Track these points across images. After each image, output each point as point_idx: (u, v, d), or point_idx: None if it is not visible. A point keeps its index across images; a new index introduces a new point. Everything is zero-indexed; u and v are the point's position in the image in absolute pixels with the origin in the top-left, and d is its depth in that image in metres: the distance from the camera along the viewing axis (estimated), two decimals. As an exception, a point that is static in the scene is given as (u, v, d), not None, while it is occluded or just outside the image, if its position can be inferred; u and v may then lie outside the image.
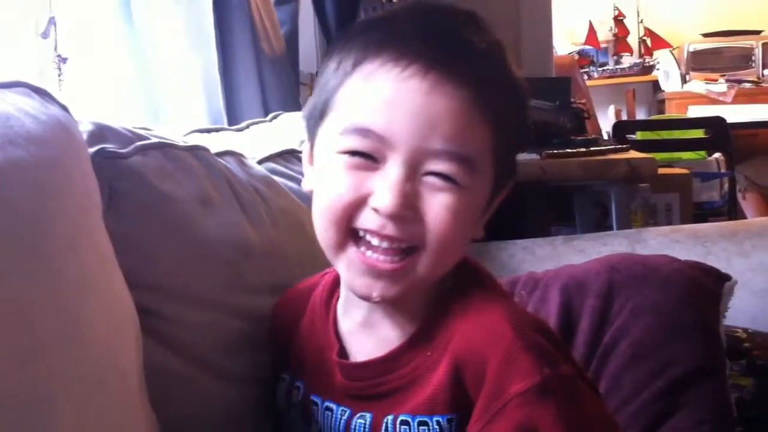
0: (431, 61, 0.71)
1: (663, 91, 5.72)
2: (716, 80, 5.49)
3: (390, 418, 0.76)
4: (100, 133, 0.90)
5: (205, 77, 1.66)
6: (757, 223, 1.71)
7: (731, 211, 3.49)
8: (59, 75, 1.48)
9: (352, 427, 0.79)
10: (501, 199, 0.80)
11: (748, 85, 5.45)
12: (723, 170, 3.56)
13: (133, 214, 0.88)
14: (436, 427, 0.74)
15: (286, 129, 1.43)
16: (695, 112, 4.74)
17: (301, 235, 1.10)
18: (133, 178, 0.89)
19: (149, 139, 0.95)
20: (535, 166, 1.87)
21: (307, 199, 1.04)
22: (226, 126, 1.54)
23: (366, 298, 0.76)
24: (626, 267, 1.21)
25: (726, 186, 3.59)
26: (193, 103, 1.65)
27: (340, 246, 0.75)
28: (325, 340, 0.85)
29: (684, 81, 5.66)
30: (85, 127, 0.89)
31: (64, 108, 0.83)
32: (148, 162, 0.92)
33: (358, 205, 0.73)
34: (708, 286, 1.17)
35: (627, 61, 5.86)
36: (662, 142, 3.51)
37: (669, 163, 2.72)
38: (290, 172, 1.24)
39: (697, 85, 5.50)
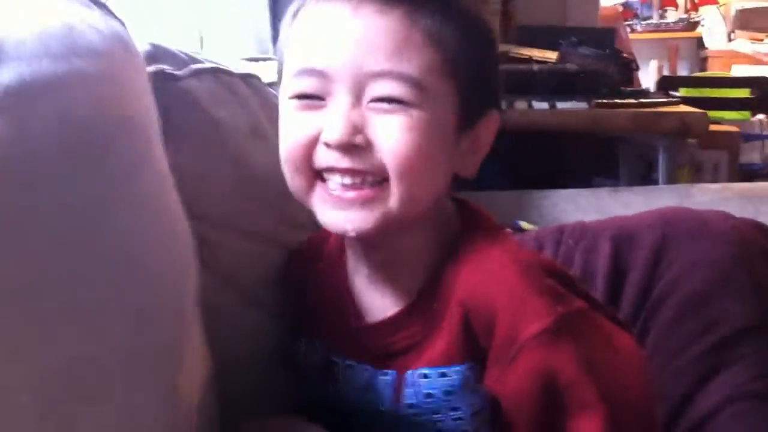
0: None
1: (706, 48, 5.58)
2: (762, 40, 5.34)
3: (411, 372, 0.76)
4: (156, 53, 0.88)
5: (252, 3, 1.62)
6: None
7: (771, 174, 3.42)
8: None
9: (376, 384, 0.79)
10: (491, 134, 0.78)
11: (795, 46, 5.31)
12: (766, 132, 3.49)
13: (186, 140, 0.86)
14: (456, 376, 0.74)
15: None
16: (739, 71, 4.62)
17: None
18: (186, 102, 0.88)
19: (203, 62, 0.93)
20: (583, 115, 1.83)
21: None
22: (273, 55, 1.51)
23: (343, 233, 0.75)
24: (680, 221, 1.18)
25: (767, 149, 3.51)
26: (240, 30, 1.62)
27: (308, 190, 0.75)
28: (339, 300, 0.84)
29: (729, 39, 5.52)
30: (142, 47, 0.86)
31: (122, 23, 0.80)
32: (202, 86, 0.90)
33: (312, 144, 0.73)
34: (763, 245, 1.14)
35: (672, 16, 5.72)
36: (706, 100, 3.42)
37: (715, 121, 2.67)
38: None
39: (742, 44, 5.36)
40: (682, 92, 3.58)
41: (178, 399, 0.71)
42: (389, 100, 0.71)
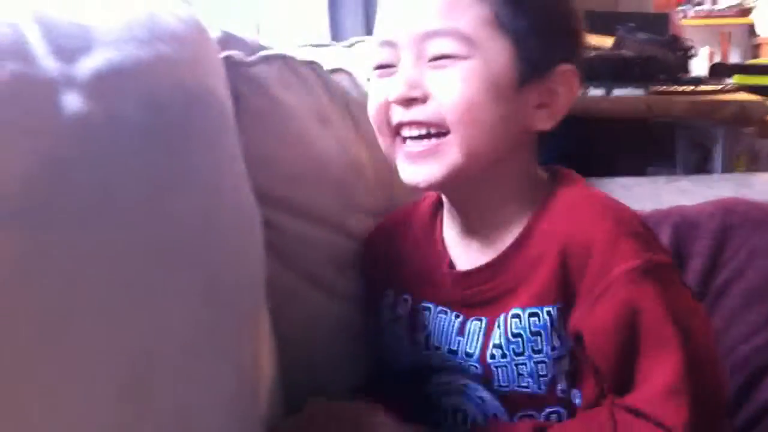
0: None
1: (759, 35, 5.47)
2: (818, 26, 5.22)
3: (502, 316, 0.79)
4: (228, 39, 0.90)
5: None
6: None
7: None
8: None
9: (467, 330, 0.82)
10: (569, 88, 0.80)
11: None
12: (822, 120, 3.41)
13: (255, 122, 0.88)
14: (546, 317, 0.77)
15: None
16: (794, 58, 4.53)
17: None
18: (257, 87, 0.90)
19: (271, 49, 0.95)
20: (640, 101, 1.81)
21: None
22: (331, 42, 1.52)
23: (415, 186, 0.80)
24: (742, 210, 1.17)
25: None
26: (297, 18, 1.63)
27: (391, 148, 0.81)
28: (433, 253, 0.87)
29: (783, 26, 5.40)
30: (212, 34, 0.87)
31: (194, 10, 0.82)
32: (271, 72, 0.92)
33: (387, 106, 0.79)
34: None
35: (723, 1, 5.61)
36: (759, 88, 3.36)
37: (772, 109, 2.61)
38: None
39: (796, 30, 5.25)
40: (735, 79, 3.51)
41: (253, 373, 0.73)
42: (443, 57, 0.76)
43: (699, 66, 4.10)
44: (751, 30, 5.58)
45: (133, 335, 0.59)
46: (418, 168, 0.78)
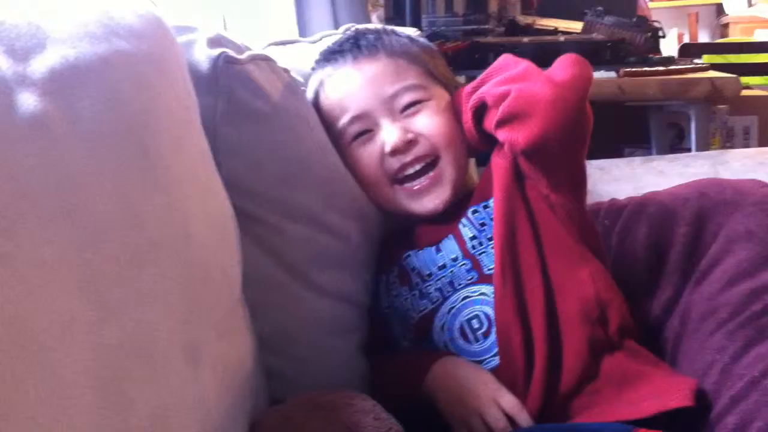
0: (353, 53, 1.02)
1: (726, 14, 5.51)
2: (784, 4, 5.27)
3: (463, 219, 0.97)
4: (219, 39, 0.92)
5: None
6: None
7: (799, 139, 3.37)
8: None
9: (442, 247, 0.98)
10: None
11: (818, 9, 5.22)
12: (793, 96, 3.43)
13: (248, 120, 0.90)
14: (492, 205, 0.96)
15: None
16: (761, 36, 4.56)
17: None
18: (249, 86, 0.91)
19: (255, 50, 0.96)
20: (612, 84, 1.80)
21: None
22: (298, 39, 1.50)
23: (434, 212, 0.98)
24: (715, 192, 1.15)
25: (794, 113, 3.46)
26: (263, 12, 1.61)
27: (392, 194, 0.99)
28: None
29: (749, 4, 5.44)
30: (206, 33, 0.91)
31: (154, 4, 0.80)
32: (261, 72, 0.93)
33: (381, 160, 0.98)
34: None
35: (690, -18, 5.64)
36: (729, 66, 3.38)
37: (745, 86, 2.63)
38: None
39: (763, 8, 5.28)
40: (705, 59, 3.53)
41: (231, 371, 0.71)
42: (411, 104, 0.99)
43: (669, 47, 4.12)
44: (719, 9, 5.62)
45: (108, 340, 0.57)
46: (429, 197, 0.98)
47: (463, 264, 0.95)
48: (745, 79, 3.40)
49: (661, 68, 1.89)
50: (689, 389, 0.89)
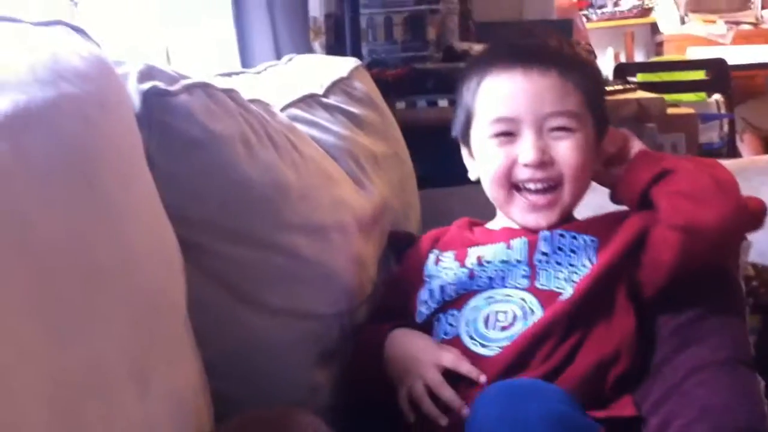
0: (528, 61, 1.05)
1: (661, 33, 5.68)
2: (714, 22, 5.45)
3: (545, 232, 1.06)
4: (149, 72, 0.91)
5: (216, 18, 1.65)
6: (765, 160, 1.73)
7: (730, 153, 3.49)
8: (72, 17, 1.48)
9: (512, 245, 1.06)
10: (608, 144, 1.09)
11: (746, 26, 5.42)
12: (723, 112, 3.56)
13: (183, 151, 0.91)
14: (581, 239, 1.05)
15: (303, 72, 1.42)
16: (694, 53, 4.71)
17: (329, 180, 1.13)
18: (182, 116, 0.91)
19: (191, 78, 0.96)
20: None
21: (328, 148, 1.20)
22: (241, 69, 1.54)
23: (536, 228, 1.05)
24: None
25: (725, 128, 3.59)
26: (206, 44, 1.65)
27: (509, 198, 1.06)
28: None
29: (683, 22, 5.62)
30: (135, 66, 0.90)
31: (99, 45, 0.84)
32: (195, 100, 0.93)
33: (511, 166, 1.04)
34: None
35: (625, 3, 5.81)
36: (663, 84, 3.50)
37: (673, 104, 2.73)
38: (313, 118, 1.24)
39: (695, 26, 5.47)
40: (639, 78, 3.65)
41: (178, 394, 0.75)
42: (561, 129, 1.04)
43: (606, 66, 4.25)
44: (653, 28, 5.79)
45: (62, 366, 0.60)
46: (540, 215, 1.05)
47: (523, 270, 1.03)
48: (677, 96, 3.54)
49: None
50: (630, 400, 0.97)
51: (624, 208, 1.09)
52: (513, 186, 1.05)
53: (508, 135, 1.05)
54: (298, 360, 1.01)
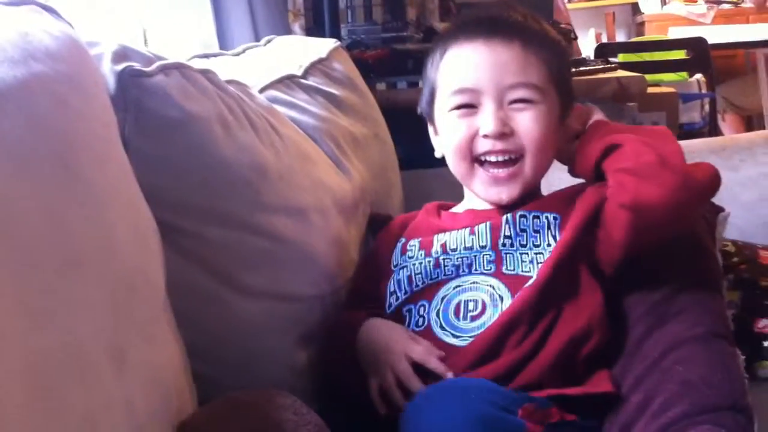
0: (490, 32, 1.05)
1: (642, 13, 5.69)
2: (695, 1, 5.47)
3: (508, 215, 1.04)
4: (124, 52, 0.90)
5: (195, 0, 1.64)
6: (743, 138, 1.74)
7: (712, 132, 3.51)
8: None
9: (476, 230, 1.05)
10: (574, 121, 1.09)
11: (727, 6, 5.44)
12: (704, 91, 3.58)
13: (160, 132, 0.90)
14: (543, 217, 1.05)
15: (282, 53, 1.41)
16: (675, 33, 4.72)
17: (308, 162, 1.12)
18: (158, 96, 0.90)
19: (167, 59, 0.96)
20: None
21: (307, 129, 1.20)
22: (220, 51, 1.53)
23: (498, 203, 1.06)
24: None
25: (707, 107, 3.61)
26: (184, 26, 1.63)
27: (470, 172, 1.06)
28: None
29: (664, 3, 5.63)
30: (109, 47, 0.89)
31: (71, 25, 0.83)
32: (171, 81, 0.92)
33: (472, 138, 1.04)
34: (703, 214, 1.17)
35: (606, -17, 5.80)
36: (644, 64, 3.51)
37: (654, 84, 2.73)
38: (292, 100, 1.23)
39: (676, 6, 5.48)
40: (621, 58, 3.66)
41: (156, 373, 0.74)
42: (522, 101, 1.03)
43: (587, 47, 4.25)
44: (634, 8, 5.80)
45: (39, 347, 0.60)
46: (502, 188, 1.04)
47: (488, 255, 1.02)
48: (658, 76, 3.55)
49: (573, 69, 1.97)
50: (606, 376, 0.97)
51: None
52: (475, 159, 1.05)
53: (470, 107, 1.04)
54: (279, 341, 1.01)
